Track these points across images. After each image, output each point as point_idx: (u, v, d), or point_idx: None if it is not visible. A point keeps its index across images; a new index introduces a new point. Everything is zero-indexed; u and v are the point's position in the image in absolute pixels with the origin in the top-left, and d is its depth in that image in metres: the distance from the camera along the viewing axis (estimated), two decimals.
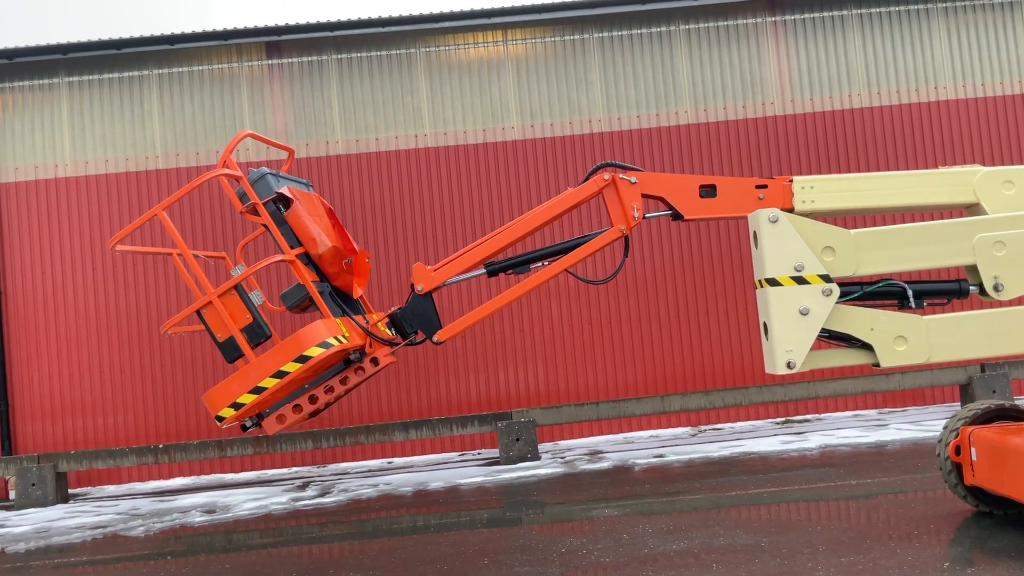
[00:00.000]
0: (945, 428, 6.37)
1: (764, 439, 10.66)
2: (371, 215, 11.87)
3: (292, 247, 5.71)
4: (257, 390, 5.37)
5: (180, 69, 12.00)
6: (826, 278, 5.54)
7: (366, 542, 7.50)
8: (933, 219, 6.03)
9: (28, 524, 9.52)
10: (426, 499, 9.12)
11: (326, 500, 9.46)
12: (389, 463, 11.70)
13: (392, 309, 6.26)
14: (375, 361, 6.07)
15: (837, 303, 5.59)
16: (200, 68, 12.00)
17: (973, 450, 6.03)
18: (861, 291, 5.70)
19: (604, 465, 9.98)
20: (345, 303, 6.07)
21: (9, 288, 11.72)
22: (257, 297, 5.75)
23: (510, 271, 6.30)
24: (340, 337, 5.47)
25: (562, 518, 7.72)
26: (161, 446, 10.81)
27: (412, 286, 6.09)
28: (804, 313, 5.53)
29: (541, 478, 9.59)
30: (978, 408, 6.34)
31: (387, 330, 6.22)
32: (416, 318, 6.11)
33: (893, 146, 12.11)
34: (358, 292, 6.09)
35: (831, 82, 12.17)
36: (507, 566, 6.12)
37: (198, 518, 9.08)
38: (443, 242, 11.84)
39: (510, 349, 11.73)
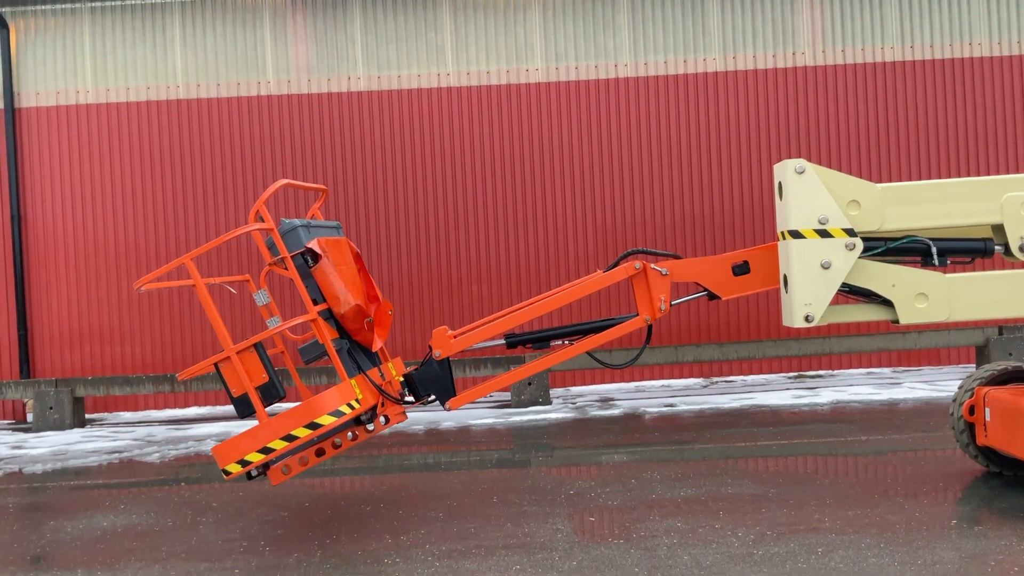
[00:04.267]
0: (960, 388, 6.35)
1: (776, 393, 10.68)
2: (391, 154, 11.79)
3: (316, 302, 5.71)
4: (265, 450, 5.47)
5: None
6: (850, 232, 5.47)
7: (377, 477, 7.60)
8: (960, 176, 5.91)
9: (45, 447, 9.70)
10: (437, 438, 9.21)
11: None
12: (407, 415, 11.78)
13: (409, 370, 6.26)
14: (386, 419, 6.13)
15: (859, 258, 5.53)
16: None
17: (987, 410, 6.02)
18: (885, 246, 5.62)
19: (615, 412, 10.04)
20: (364, 353, 6.06)
21: (29, 214, 11.77)
22: (274, 321, 5.81)
23: (529, 345, 6.22)
24: (354, 403, 5.52)
25: (571, 462, 7.80)
26: (177, 375, 10.91)
27: (430, 348, 6.05)
28: (826, 267, 5.48)
29: (552, 422, 9.66)
30: (994, 369, 6.31)
31: (402, 388, 6.24)
32: (431, 382, 6.11)
33: (924, 103, 11.88)
34: (378, 345, 6.06)
35: (864, 34, 11.90)
36: (516, 505, 6.20)
37: (213, 446, 9.21)
38: (462, 185, 11.77)
39: (525, 293, 11.71)
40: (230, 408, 11.60)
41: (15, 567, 5.42)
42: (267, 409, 5.56)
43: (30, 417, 11.52)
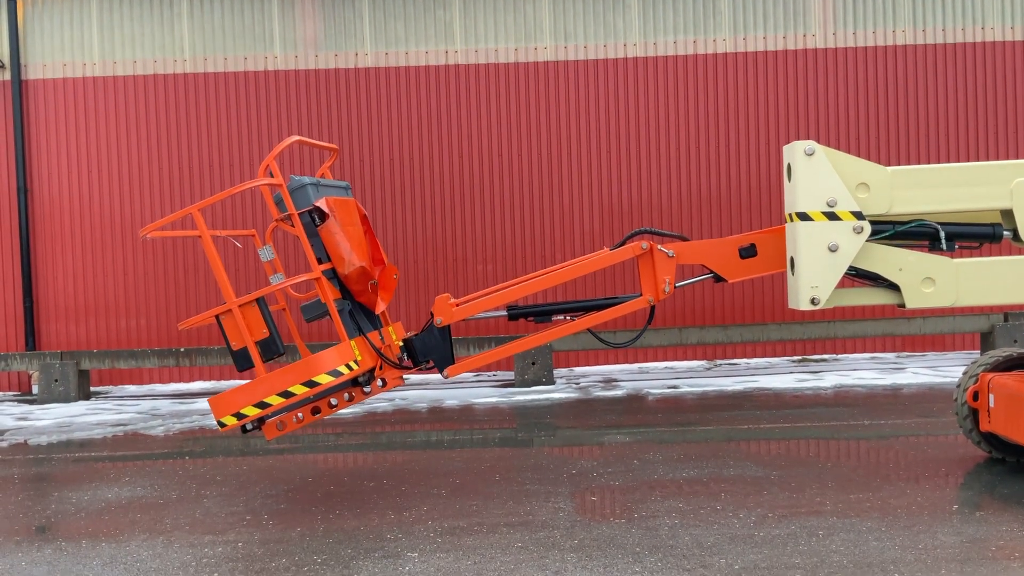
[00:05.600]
0: (965, 374, 6.35)
1: (779, 376, 10.68)
2: (398, 131, 11.74)
3: (320, 261, 5.70)
4: (261, 405, 5.48)
5: None
6: (858, 215, 5.44)
7: (380, 453, 7.64)
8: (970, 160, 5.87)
9: (50, 418, 9.75)
10: (440, 416, 9.24)
11: (342, 411, 9.59)
12: (404, 380, 11.82)
13: (409, 334, 6.26)
14: (383, 382, 6.13)
15: (867, 241, 5.50)
16: None
17: (991, 397, 6.01)
18: (893, 230, 5.60)
19: (618, 393, 10.05)
20: (365, 316, 6.05)
21: (36, 186, 11.76)
22: (277, 277, 5.83)
23: (531, 318, 6.22)
24: (352, 363, 5.54)
25: (574, 441, 7.81)
26: (183, 349, 10.96)
27: (431, 315, 6.05)
28: (833, 249, 5.46)
29: (555, 402, 9.68)
30: (999, 355, 6.30)
31: (401, 353, 6.24)
32: (431, 349, 6.12)
33: (935, 87, 11.79)
34: (380, 307, 6.06)
35: (875, 15, 11.79)
36: (518, 483, 6.22)
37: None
38: (469, 162, 11.73)
39: (531, 271, 11.71)
40: (234, 383, 11.64)
41: (20, 537, 5.46)
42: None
43: (35, 389, 11.56)
